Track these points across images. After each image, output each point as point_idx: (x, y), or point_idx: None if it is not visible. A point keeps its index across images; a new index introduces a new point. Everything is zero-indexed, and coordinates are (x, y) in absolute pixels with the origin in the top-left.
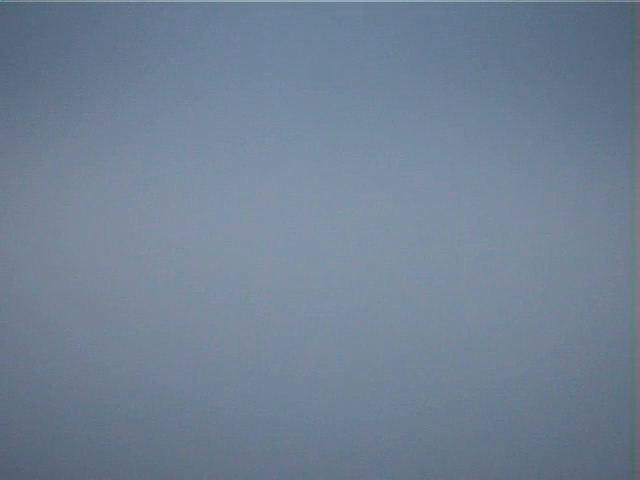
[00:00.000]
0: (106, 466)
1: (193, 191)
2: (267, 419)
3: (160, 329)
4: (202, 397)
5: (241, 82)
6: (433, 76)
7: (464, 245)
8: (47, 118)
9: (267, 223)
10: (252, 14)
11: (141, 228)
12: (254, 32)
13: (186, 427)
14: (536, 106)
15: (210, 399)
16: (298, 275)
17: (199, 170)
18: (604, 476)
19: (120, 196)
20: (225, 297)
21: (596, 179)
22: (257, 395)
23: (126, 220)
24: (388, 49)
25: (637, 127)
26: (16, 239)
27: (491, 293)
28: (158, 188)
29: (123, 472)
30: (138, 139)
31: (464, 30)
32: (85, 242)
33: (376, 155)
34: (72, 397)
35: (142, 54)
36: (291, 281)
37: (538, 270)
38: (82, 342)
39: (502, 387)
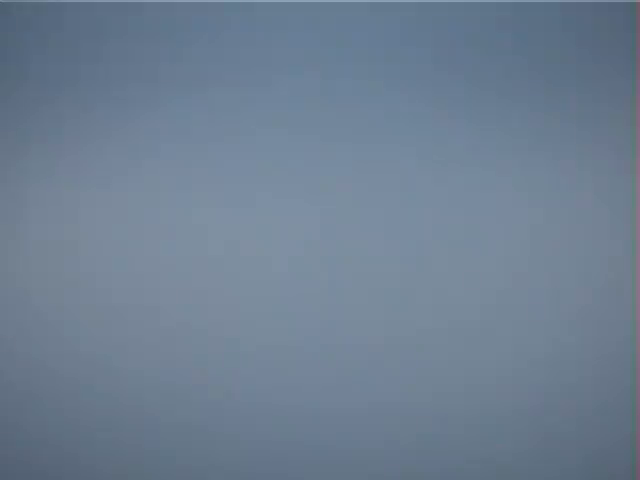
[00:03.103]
0: (109, 464)
1: (195, 193)
2: (269, 418)
3: (162, 328)
4: (203, 396)
5: (242, 82)
6: (434, 76)
7: (464, 246)
8: (48, 123)
9: (266, 224)
10: (252, 15)
11: (141, 229)
12: (254, 32)
13: (187, 426)
14: (536, 106)
15: (211, 397)
16: (297, 275)
17: (202, 173)
18: (604, 476)
19: (120, 197)
20: (225, 297)
21: (597, 179)
22: (258, 395)
23: (126, 220)
24: (389, 50)
25: (638, 127)
26: (18, 242)
27: (492, 294)
28: (159, 192)
29: (124, 470)
30: (142, 140)
31: (464, 30)
32: (87, 243)
33: (377, 154)
34: (73, 397)
35: (142, 60)
36: (291, 281)
37: (538, 270)
38: (84, 341)
39: (503, 387)
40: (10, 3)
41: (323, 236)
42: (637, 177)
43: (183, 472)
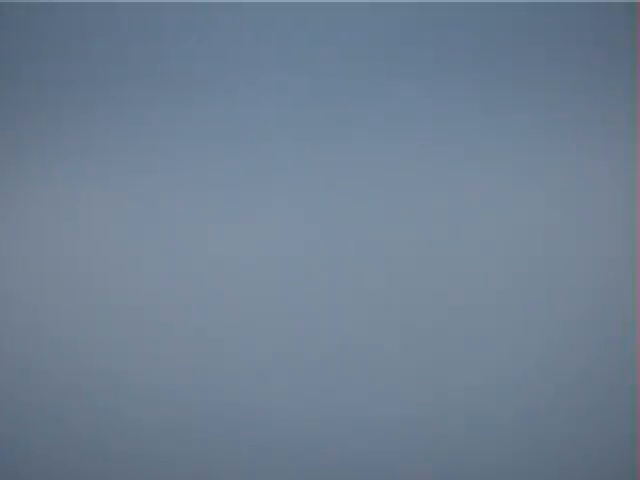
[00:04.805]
0: (107, 468)
1: (193, 194)
2: (269, 421)
3: (162, 332)
4: (204, 400)
5: (241, 81)
6: (434, 75)
7: (463, 247)
8: (50, 123)
9: (266, 225)
10: (253, 14)
11: (140, 229)
12: (254, 32)
13: (188, 431)
14: (536, 106)
15: (212, 402)
16: (297, 276)
17: (200, 174)
18: (604, 476)
19: (118, 199)
20: (225, 299)
21: (596, 179)
22: (260, 397)
23: (125, 222)
24: (390, 49)
25: (638, 127)
26: (17, 244)
27: (492, 294)
28: (157, 192)
29: (123, 474)
30: (138, 140)
31: (465, 30)
32: (85, 244)
33: (378, 153)
34: (74, 400)
35: (143, 58)
36: (291, 283)
37: (538, 270)
38: (81, 342)
39: (502, 388)
40: (4, 3)
41: (323, 237)
42: (637, 177)
43: (183, 476)
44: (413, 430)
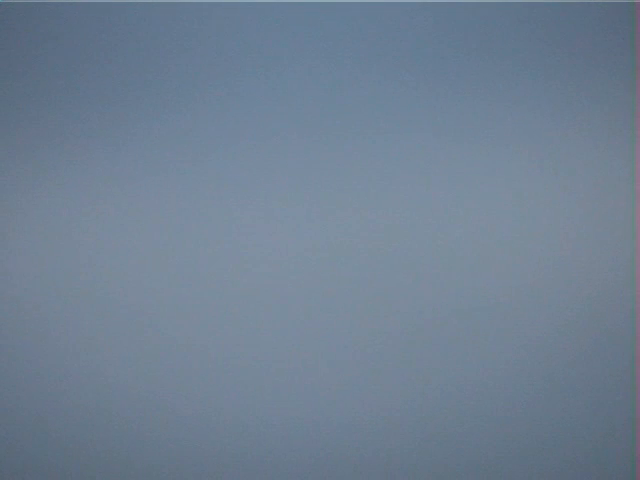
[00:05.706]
0: (102, 472)
1: (195, 195)
2: (266, 424)
3: (160, 334)
4: (202, 404)
5: (241, 82)
6: (434, 74)
7: (464, 250)
8: (53, 122)
9: (266, 227)
10: (252, 15)
11: (140, 229)
12: (254, 32)
13: (186, 434)
14: (536, 106)
15: (210, 405)
16: (298, 278)
17: (202, 174)
18: (604, 476)
19: (120, 198)
20: (223, 302)
21: (596, 178)
22: (255, 401)
23: (125, 220)
24: (389, 49)
25: (638, 127)
26: (18, 240)
27: (491, 292)
28: (159, 190)
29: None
30: (137, 139)
31: (465, 30)
32: (88, 249)
33: (376, 153)
34: (71, 403)
35: (142, 55)
36: (291, 285)
37: (537, 269)
38: (81, 348)
39: (503, 388)
40: (4, 3)
41: (322, 239)
42: (637, 177)
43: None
44: (413, 430)
